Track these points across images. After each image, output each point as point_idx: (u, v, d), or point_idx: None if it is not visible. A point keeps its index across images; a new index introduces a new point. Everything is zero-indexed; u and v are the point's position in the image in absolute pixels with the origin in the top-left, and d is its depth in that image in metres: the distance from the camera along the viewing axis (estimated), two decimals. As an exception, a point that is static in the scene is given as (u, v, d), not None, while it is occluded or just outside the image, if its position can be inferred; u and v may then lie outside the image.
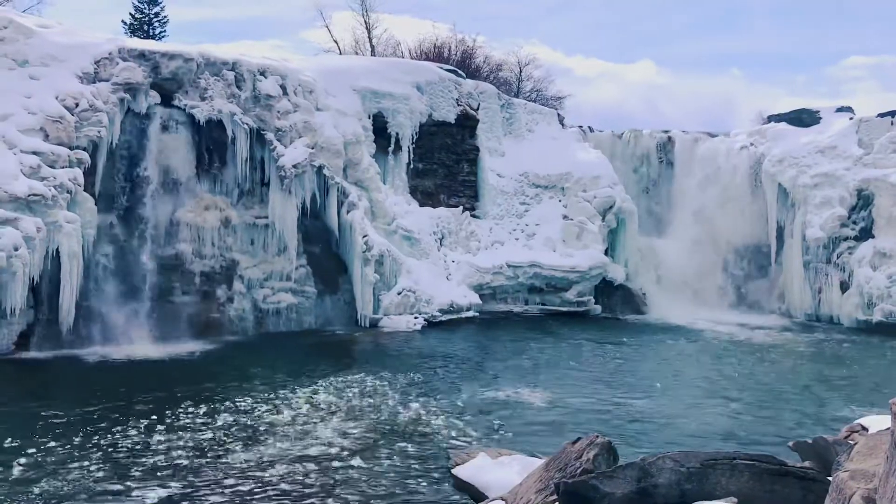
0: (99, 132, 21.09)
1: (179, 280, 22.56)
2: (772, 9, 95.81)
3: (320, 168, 24.83)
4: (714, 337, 25.68)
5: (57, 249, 19.53)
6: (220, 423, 13.01)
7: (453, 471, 10.25)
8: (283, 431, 12.63)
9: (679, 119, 70.34)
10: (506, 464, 9.69)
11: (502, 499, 8.46)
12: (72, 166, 20.39)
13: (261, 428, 12.79)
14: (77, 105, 20.93)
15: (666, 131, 35.20)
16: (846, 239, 30.09)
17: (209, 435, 12.28)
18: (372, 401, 14.96)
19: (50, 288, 19.72)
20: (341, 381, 16.62)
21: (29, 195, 19.18)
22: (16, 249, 18.43)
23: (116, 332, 20.68)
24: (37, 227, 19.01)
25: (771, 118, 36.04)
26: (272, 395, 15.04)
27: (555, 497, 7.28)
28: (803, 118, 34.12)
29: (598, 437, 8.28)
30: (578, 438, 8.55)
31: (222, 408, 13.96)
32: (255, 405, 14.27)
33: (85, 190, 20.62)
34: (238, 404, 14.28)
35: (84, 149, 20.82)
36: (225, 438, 12.13)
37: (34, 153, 19.83)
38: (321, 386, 16.05)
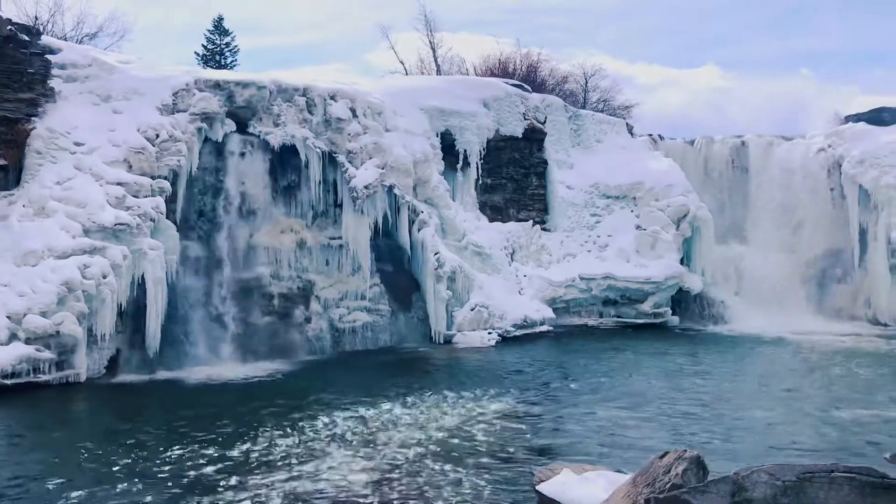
0: (178, 161, 21.87)
1: (259, 302, 23.09)
2: (839, 4, 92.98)
3: (391, 188, 25.14)
4: (798, 346, 24.87)
5: (142, 276, 20.26)
6: (301, 439, 13.22)
7: (537, 487, 10.15)
8: (364, 448, 12.75)
9: (748, 123, 68.79)
10: (591, 479, 9.55)
11: (590, 515, 8.35)
12: (154, 195, 21.18)
13: (340, 444, 12.94)
14: (157, 136, 21.76)
15: (738, 136, 34.43)
16: (934, 240, 28.86)
17: (292, 450, 12.50)
18: (450, 417, 14.99)
19: (136, 313, 20.43)
20: (418, 398, 16.70)
21: (115, 224, 19.98)
22: (104, 277, 19.20)
23: (200, 355, 21.25)
24: (123, 255, 19.78)
25: (849, 118, 34.96)
26: (351, 413, 15.22)
27: (645, 513, 7.16)
28: (883, 117, 33.06)
29: (686, 450, 8.10)
30: (666, 452, 8.39)
31: (304, 425, 14.18)
32: (335, 422, 14.45)
33: (167, 217, 21.38)
34: (319, 422, 14.49)
35: (165, 178, 21.64)
36: (305, 454, 12.31)
37: (119, 184, 20.69)
38: (398, 403, 16.16)
